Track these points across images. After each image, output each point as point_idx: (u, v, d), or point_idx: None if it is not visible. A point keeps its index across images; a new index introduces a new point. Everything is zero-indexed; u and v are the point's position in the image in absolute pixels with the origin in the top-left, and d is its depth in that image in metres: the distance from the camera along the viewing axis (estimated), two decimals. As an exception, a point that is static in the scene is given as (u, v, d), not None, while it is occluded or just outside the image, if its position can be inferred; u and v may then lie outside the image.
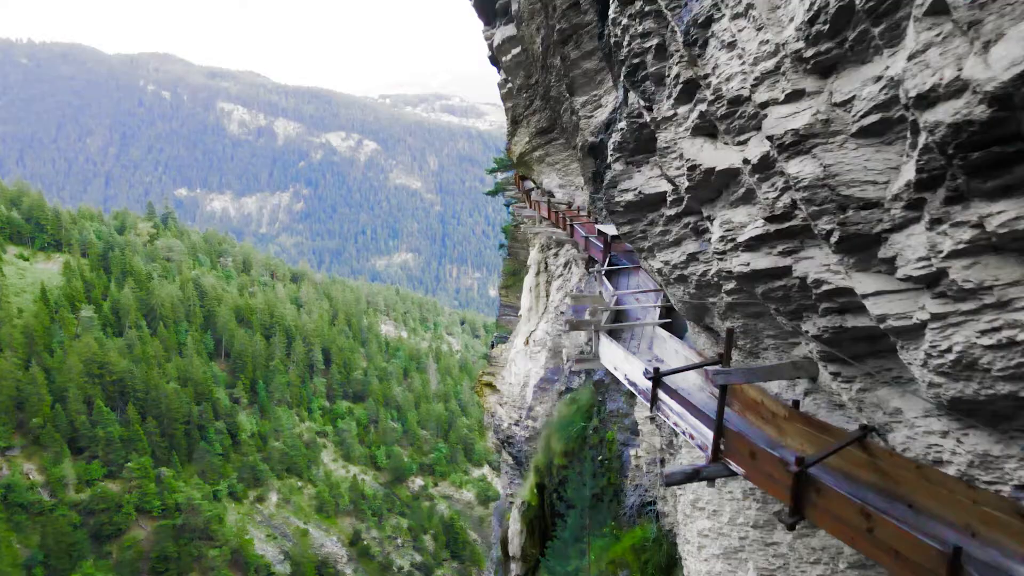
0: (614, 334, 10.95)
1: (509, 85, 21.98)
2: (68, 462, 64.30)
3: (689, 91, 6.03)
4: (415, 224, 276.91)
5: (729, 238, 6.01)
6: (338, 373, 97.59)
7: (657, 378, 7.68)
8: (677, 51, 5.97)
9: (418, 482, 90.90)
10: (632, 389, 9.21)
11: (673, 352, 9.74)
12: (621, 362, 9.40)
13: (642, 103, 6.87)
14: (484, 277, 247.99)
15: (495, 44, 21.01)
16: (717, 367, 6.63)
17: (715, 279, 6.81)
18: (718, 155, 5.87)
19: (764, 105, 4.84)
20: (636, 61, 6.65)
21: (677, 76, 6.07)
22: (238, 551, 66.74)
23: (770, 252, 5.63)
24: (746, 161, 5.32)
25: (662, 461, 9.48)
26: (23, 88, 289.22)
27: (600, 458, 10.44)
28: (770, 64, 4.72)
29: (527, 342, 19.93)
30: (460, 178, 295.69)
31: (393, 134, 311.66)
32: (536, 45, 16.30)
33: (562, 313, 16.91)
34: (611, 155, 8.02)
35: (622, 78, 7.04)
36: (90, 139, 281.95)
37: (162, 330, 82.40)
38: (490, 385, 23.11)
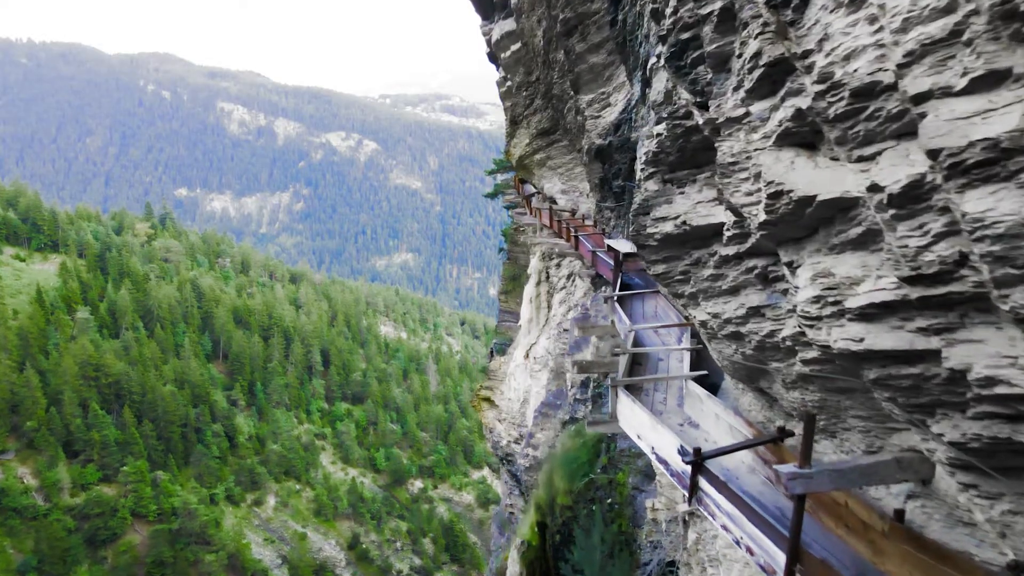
0: (634, 384, 9.15)
1: (508, 83, 21.10)
2: (63, 466, 63.52)
3: (774, 78, 4.28)
4: (415, 224, 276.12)
5: (830, 299, 4.26)
6: (337, 375, 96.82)
7: (699, 462, 5.98)
8: (756, 17, 4.26)
9: (417, 484, 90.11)
10: (661, 468, 7.29)
11: (712, 417, 7.76)
12: (647, 430, 7.58)
13: (692, 98, 5.21)
14: (484, 277, 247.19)
15: (493, 40, 20.16)
16: (792, 469, 4.78)
17: (789, 343, 5.21)
18: (820, 176, 4.13)
19: (922, 98, 3.13)
20: (685, 37, 4.98)
21: (755, 56, 4.30)
22: (235, 555, 65.97)
23: (903, 327, 3.85)
24: (875, 188, 3.59)
25: (685, 522, 7.91)
26: (23, 88, 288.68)
27: (609, 501, 9.38)
28: (934, 29, 2.97)
29: (527, 356, 18.99)
30: (460, 178, 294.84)
31: (393, 134, 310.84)
32: (537, 39, 15.35)
33: (565, 331, 15.79)
34: (642, 170, 6.31)
35: (663, 61, 5.32)
36: (90, 139, 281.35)
37: (159, 332, 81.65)
38: (488, 400, 22.15)
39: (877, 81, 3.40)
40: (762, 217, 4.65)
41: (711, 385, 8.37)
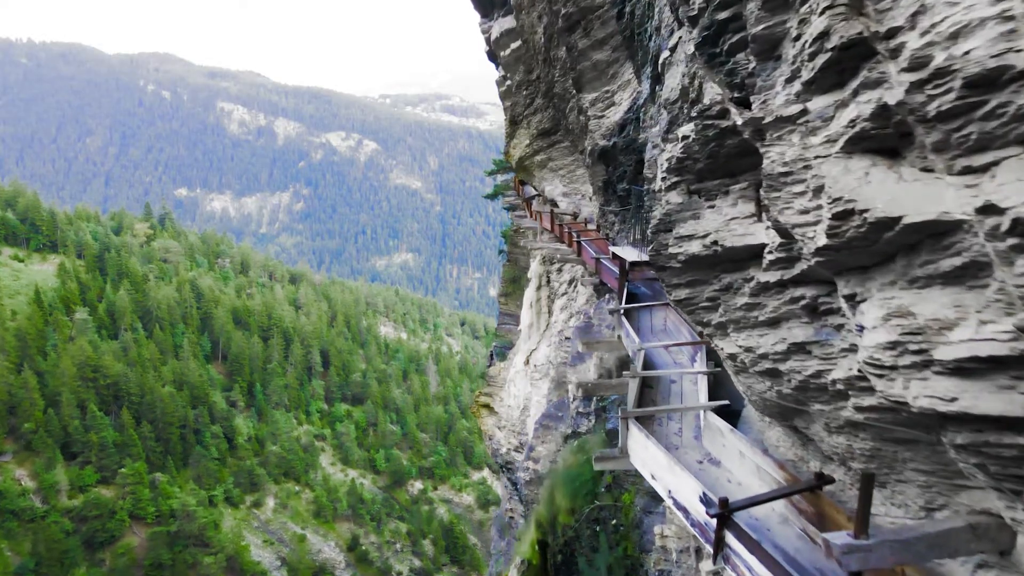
0: (645, 404, 8.38)
1: (508, 82, 20.69)
2: (61, 468, 63.22)
3: (843, 66, 3.40)
4: (415, 224, 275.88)
5: (911, 347, 3.42)
6: (336, 375, 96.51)
7: (726, 515, 5.16)
8: None
9: (417, 486, 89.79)
10: (680, 515, 6.31)
11: (735, 454, 6.81)
12: (663, 471, 6.61)
13: (729, 93, 4.40)
14: (484, 277, 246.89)
15: (492, 38, 19.75)
16: (847, 540, 3.98)
17: (841, 387, 4.39)
18: (906, 192, 3.28)
19: None
20: (723, 17, 4.15)
21: (820, 38, 3.41)
22: (234, 558, 65.63)
23: (1015, 388, 3.09)
24: (989, 209, 2.79)
25: (698, 550, 7.30)
26: (23, 88, 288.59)
27: (614, 522, 8.92)
28: None
29: (527, 362, 18.55)
30: (460, 178, 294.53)
31: (393, 134, 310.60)
32: (537, 35, 14.90)
33: (567, 339, 15.25)
34: (663, 179, 5.48)
35: (693, 48, 4.54)
36: (90, 139, 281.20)
37: (158, 332, 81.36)
38: (487, 407, 21.69)
39: (1004, 67, 2.55)
40: (822, 241, 3.77)
41: (730, 412, 7.71)
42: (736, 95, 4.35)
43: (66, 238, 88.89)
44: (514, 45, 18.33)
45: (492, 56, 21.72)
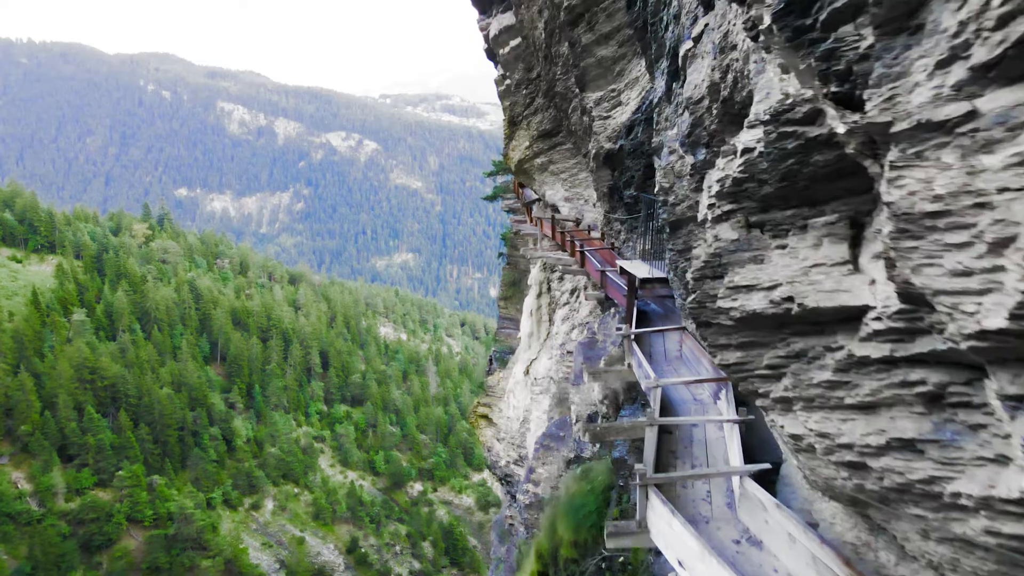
0: (664, 455, 7.14)
1: (507, 81, 20.08)
2: (57, 470, 62.76)
3: None
4: (415, 224, 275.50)
5: None
6: (336, 376, 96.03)
7: None
8: None
9: (417, 487, 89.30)
10: None
11: (783, 537, 5.49)
12: (693, 559, 5.41)
13: (822, 87, 3.15)
14: (485, 277, 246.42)
15: (491, 35, 19.18)
16: None
17: (966, 503, 3.30)
18: None
19: None
20: None
21: None
22: (232, 561, 65.15)
23: None
24: None
25: None
26: (23, 88, 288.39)
27: (621, 560, 8.26)
28: None
29: (527, 372, 17.92)
30: (461, 178, 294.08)
31: (393, 134, 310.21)
32: (538, 31, 14.26)
33: (568, 352, 14.50)
34: (709, 206, 4.23)
35: (770, 23, 3.21)
36: (90, 139, 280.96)
37: (156, 334, 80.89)
38: (486, 417, 21.10)
39: None
40: (995, 322, 2.51)
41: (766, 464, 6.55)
42: (836, 89, 3.04)
43: (64, 239, 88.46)
44: (513, 42, 17.76)
45: (491, 54, 21.15)
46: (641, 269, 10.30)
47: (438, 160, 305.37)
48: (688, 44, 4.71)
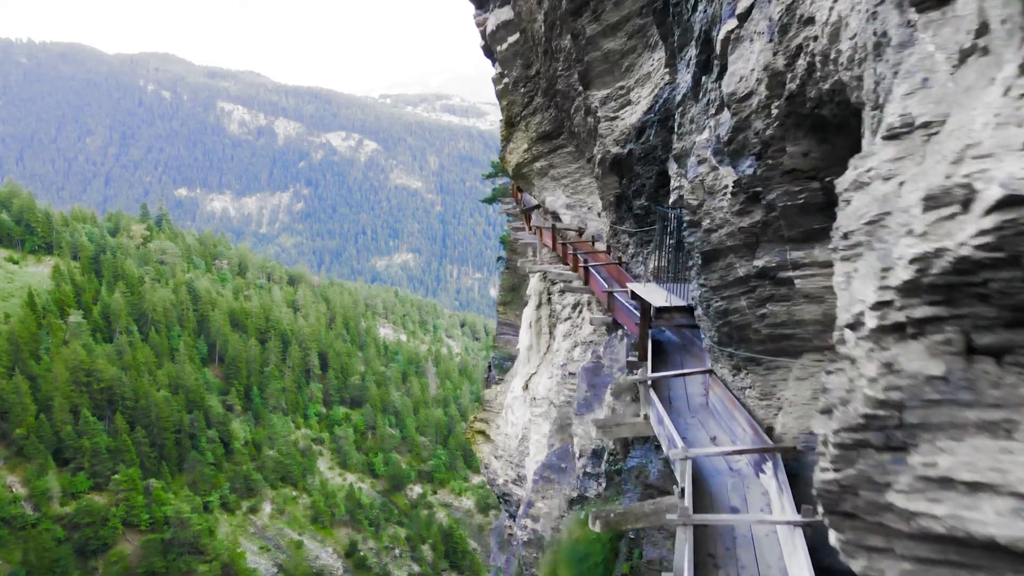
0: (701, 544, 5.46)
1: (505, 79, 19.22)
2: (52, 474, 62.15)
3: None
4: (415, 224, 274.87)
5: None
6: (335, 378, 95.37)
7: None
8: None
9: (416, 490, 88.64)
10: None
11: None
12: None
13: None
14: (485, 277, 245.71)
15: (488, 31, 18.43)
16: None
17: None
18: None
19: None
20: None
21: None
22: (229, 565, 64.54)
23: None
24: None
25: None
26: (23, 88, 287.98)
27: None
28: None
29: (526, 387, 17.06)
30: (461, 178, 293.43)
31: (393, 134, 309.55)
32: (537, 24, 13.34)
33: (571, 374, 13.21)
34: (878, 315, 2.27)
35: None
36: (90, 139, 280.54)
37: (154, 336, 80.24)
38: (483, 433, 20.27)
39: None
40: None
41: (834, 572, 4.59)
42: None
43: (61, 239, 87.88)
44: (511, 39, 16.98)
45: (488, 51, 20.39)
46: (658, 296, 8.78)
47: (438, 160, 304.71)
48: (730, 24, 3.75)
